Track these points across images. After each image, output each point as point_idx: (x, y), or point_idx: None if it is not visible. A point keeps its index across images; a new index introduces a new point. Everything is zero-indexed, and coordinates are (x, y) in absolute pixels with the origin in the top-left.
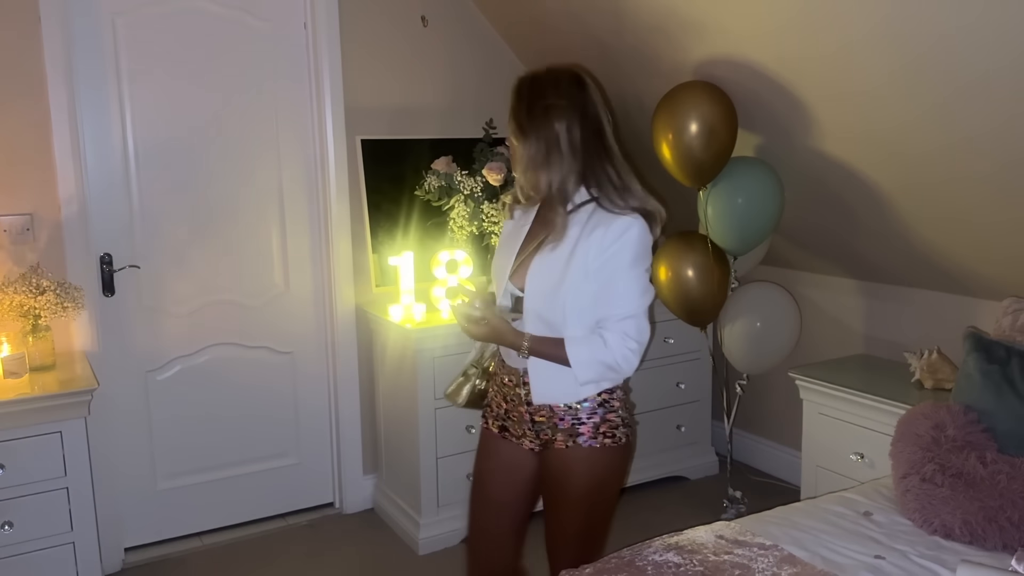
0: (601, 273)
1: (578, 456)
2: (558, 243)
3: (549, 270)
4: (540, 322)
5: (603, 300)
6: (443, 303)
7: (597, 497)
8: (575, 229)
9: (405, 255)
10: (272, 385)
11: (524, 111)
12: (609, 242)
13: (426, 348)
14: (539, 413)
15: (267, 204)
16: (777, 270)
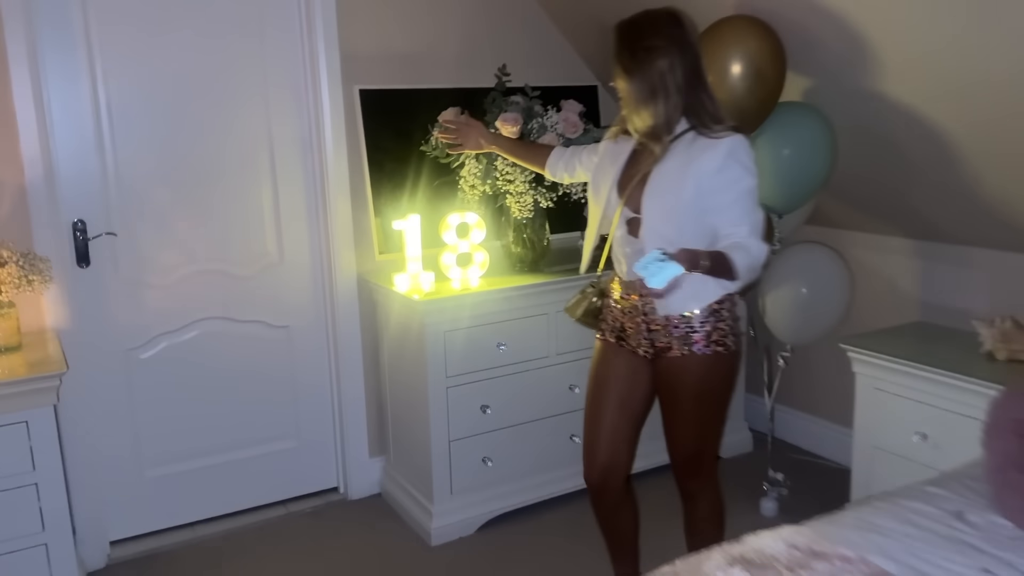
0: (720, 191)
1: (693, 363)
2: (668, 168)
3: (666, 192)
4: (660, 240)
5: (726, 214)
6: (452, 270)
7: (711, 398)
8: (682, 154)
9: (411, 218)
10: (267, 362)
11: (628, 54)
12: (721, 160)
13: (435, 322)
14: (655, 323)
15: (257, 163)
16: (824, 230)
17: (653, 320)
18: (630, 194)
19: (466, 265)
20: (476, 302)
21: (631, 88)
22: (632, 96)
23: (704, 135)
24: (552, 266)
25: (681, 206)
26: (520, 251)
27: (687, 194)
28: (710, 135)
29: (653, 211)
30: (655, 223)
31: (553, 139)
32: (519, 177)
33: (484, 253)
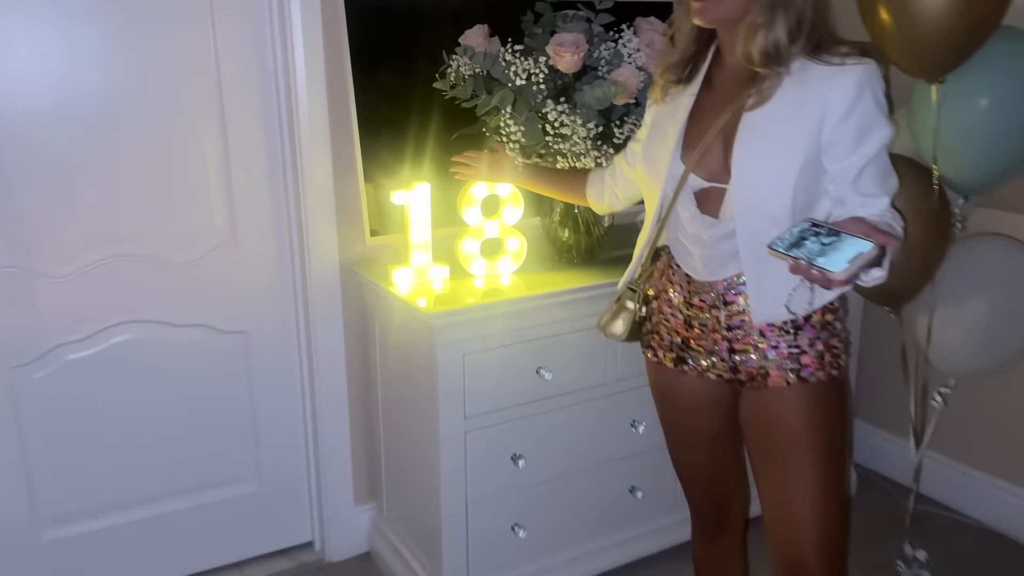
0: (846, 142)
1: (805, 395)
2: (771, 111)
3: (771, 146)
4: (762, 218)
5: (854, 178)
6: (476, 263)
7: (831, 445)
8: (791, 90)
9: (417, 189)
10: (215, 381)
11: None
12: (853, 97)
13: (451, 340)
14: (743, 339)
15: (198, 103)
16: (1007, 216)
17: (740, 336)
18: (702, 157)
19: (495, 256)
20: (509, 311)
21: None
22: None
23: (820, 61)
24: (613, 257)
25: (796, 165)
26: (571, 236)
27: (804, 147)
28: (829, 60)
29: (750, 175)
30: (753, 192)
31: (631, 76)
32: (579, 128)
33: (520, 239)
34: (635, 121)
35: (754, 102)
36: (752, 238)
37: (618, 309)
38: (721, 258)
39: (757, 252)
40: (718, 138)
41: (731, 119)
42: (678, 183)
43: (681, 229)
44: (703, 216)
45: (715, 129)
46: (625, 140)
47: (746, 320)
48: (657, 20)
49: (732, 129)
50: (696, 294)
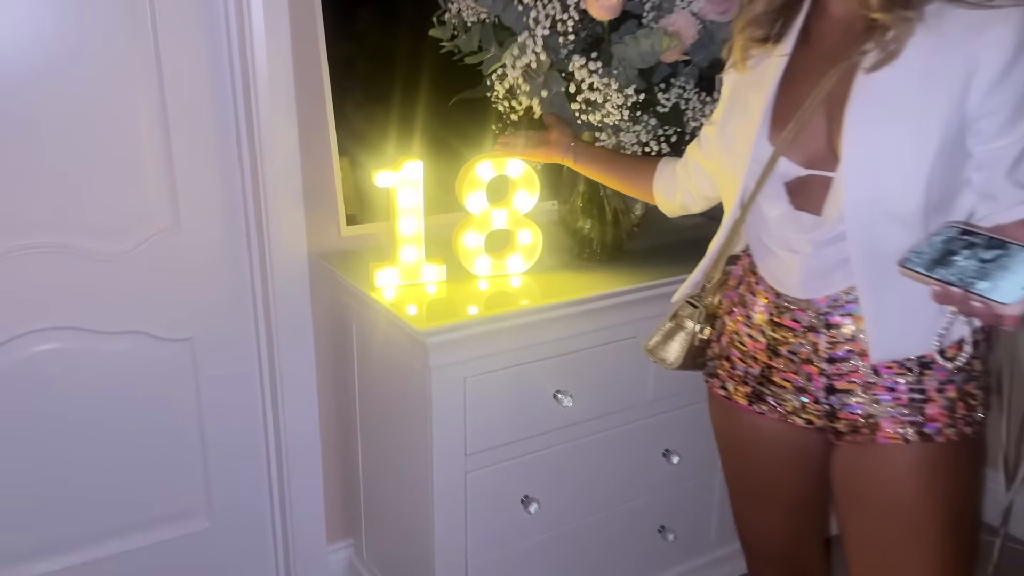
0: (1001, 112)
1: (927, 457)
2: (896, 74)
3: (892, 120)
4: (883, 218)
5: (1014, 154)
6: (479, 261)
7: (959, 521)
8: (923, 44)
9: (407, 168)
10: (156, 400)
11: None
12: (1010, 54)
13: (449, 363)
14: (848, 375)
15: (126, 59)
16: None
17: (845, 370)
18: (798, 136)
19: (503, 252)
20: (522, 323)
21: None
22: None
23: (962, 2)
24: (647, 250)
25: (931, 147)
26: (594, 227)
27: (943, 122)
28: (977, 3)
29: (867, 159)
30: (871, 183)
31: (686, 24)
32: (613, 95)
33: (534, 232)
34: (683, 84)
35: (875, 60)
36: (869, 244)
37: (673, 328)
38: (824, 268)
39: (876, 262)
40: (820, 110)
41: (839, 84)
42: (763, 170)
43: (766, 230)
44: (798, 214)
45: (816, 98)
46: (674, 109)
47: (855, 351)
48: None
49: (841, 98)
50: (786, 312)
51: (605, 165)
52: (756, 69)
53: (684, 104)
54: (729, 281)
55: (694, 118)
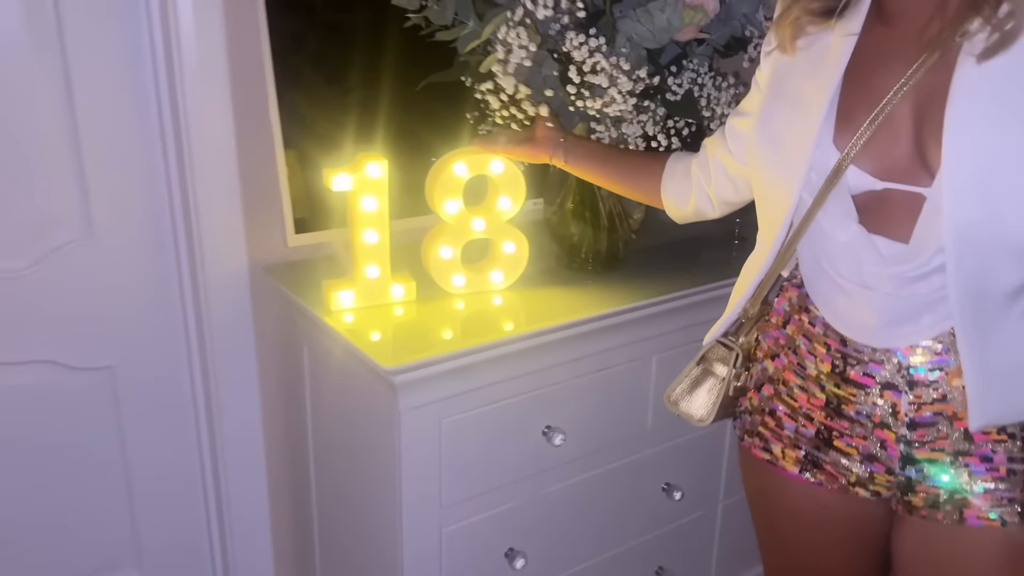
0: None
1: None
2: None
3: (1009, 123)
4: (998, 250)
5: None
6: (455, 277)
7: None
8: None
9: (369, 167)
10: (70, 437)
11: None
12: None
13: (420, 404)
14: (933, 443)
15: (21, 32)
16: None
17: (930, 437)
18: (872, 139)
19: (484, 265)
20: (505, 353)
21: None
22: None
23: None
24: (648, 259)
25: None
26: (587, 234)
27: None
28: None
29: (978, 174)
30: (983, 204)
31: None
32: (622, 78)
33: (518, 242)
34: (696, 67)
35: (986, 46)
36: (975, 281)
37: (702, 375)
38: (910, 310)
39: (982, 304)
40: (905, 108)
41: (932, 76)
42: (826, 181)
43: (828, 258)
44: (874, 238)
45: (900, 92)
46: (686, 96)
47: (945, 414)
48: None
49: (937, 93)
50: (856, 365)
51: (602, 163)
52: (809, 51)
53: (698, 91)
54: (771, 317)
55: (708, 107)
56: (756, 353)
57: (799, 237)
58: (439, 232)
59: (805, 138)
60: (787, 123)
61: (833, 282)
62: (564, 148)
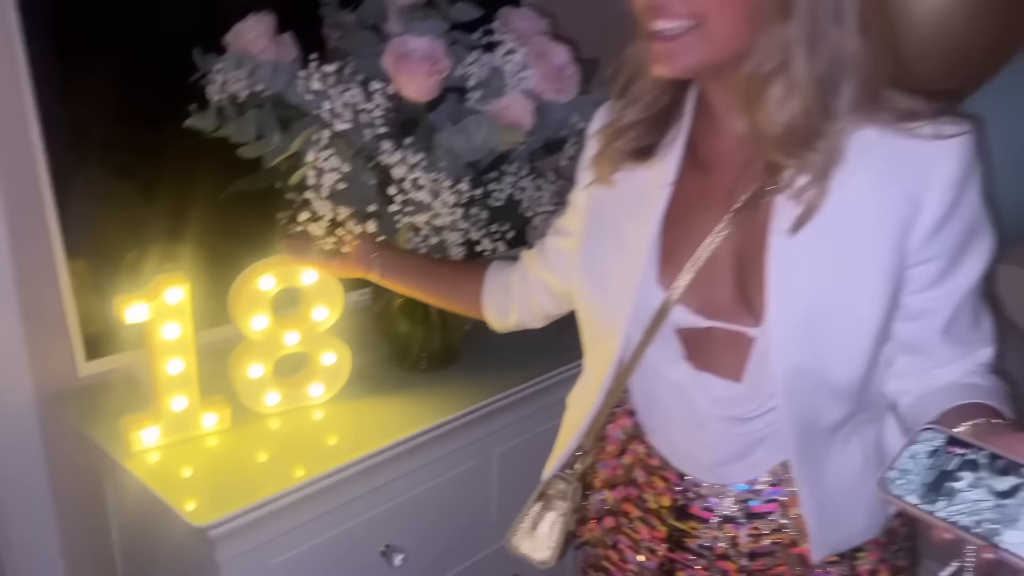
0: (945, 257)
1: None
2: (828, 221)
3: (830, 268)
4: (821, 391)
5: (952, 305)
6: (269, 397)
7: None
8: (854, 174)
9: (167, 293)
10: None
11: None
12: (956, 192)
13: (246, 551)
14: (772, 571)
15: None
16: None
17: (768, 566)
18: (695, 281)
19: (301, 378)
20: (330, 484)
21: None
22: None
23: (894, 129)
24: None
25: (880, 302)
26: (421, 333)
27: (889, 271)
28: (910, 128)
29: (804, 318)
30: (811, 348)
31: (521, 108)
32: (445, 192)
33: (338, 352)
34: (516, 171)
35: (793, 221)
36: (805, 420)
37: (541, 512)
38: (744, 447)
39: (812, 441)
40: (725, 252)
41: (747, 227)
42: (653, 320)
43: (659, 393)
44: (703, 376)
45: (718, 238)
46: (509, 201)
47: (782, 542)
48: (532, 12)
49: (753, 244)
50: (694, 498)
51: (420, 278)
52: (628, 186)
53: (519, 193)
54: (607, 446)
55: (531, 208)
56: (594, 483)
57: (629, 373)
58: (246, 350)
59: (631, 278)
60: (611, 261)
61: (667, 418)
62: (379, 263)
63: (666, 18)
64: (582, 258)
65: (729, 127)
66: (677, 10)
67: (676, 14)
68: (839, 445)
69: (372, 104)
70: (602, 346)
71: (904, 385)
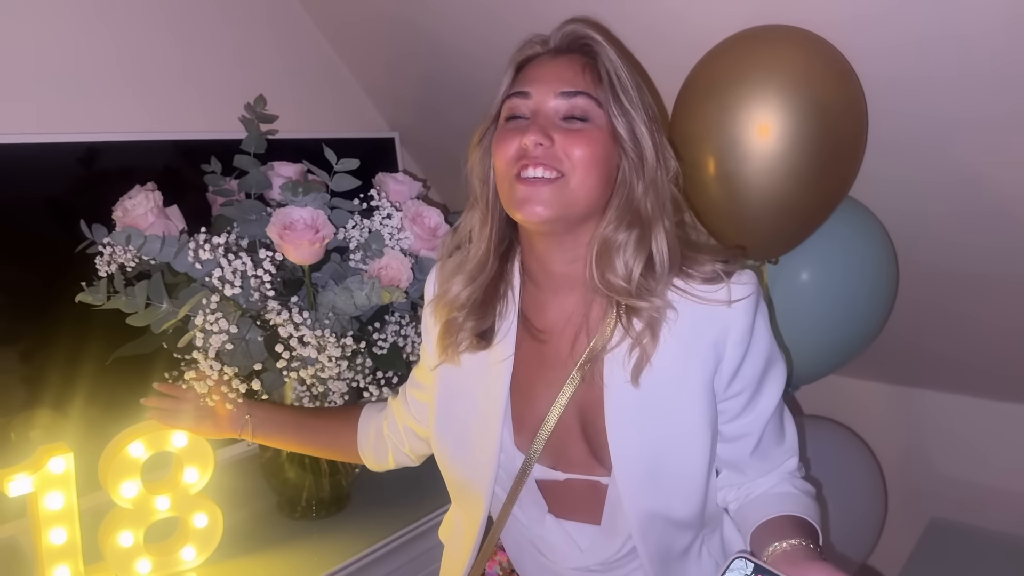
0: (748, 391)
1: None
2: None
3: (658, 416)
4: (666, 526)
5: (758, 429)
6: (140, 564)
7: None
8: (669, 337)
9: (51, 463)
10: None
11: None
12: (748, 337)
13: None
14: None
15: None
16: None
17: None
18: (549, 441)
19: (173, 543)
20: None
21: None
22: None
23: (691, 289)
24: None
25: (705, 441)
26: (310, 481)
27: (707, 411)
28: (703, 289)
29: (642, 463)
30: (653, 489)
31: (400, 267)
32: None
33: (210, 515)
34: (399, 320)
35: (634, 364)
36: (662, 550)
37: None
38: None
39: (670, 563)
40: (571, 413)
41: (586, 388)
42: (515, 480)
43: (530, 543)
44: (568, 524)
45: (560, 402)
46: (392, 348)
47: None
48: (406, 176)
49: (593, 402)
50: None
51: (294, 433)
52: (472, 363)
53: (403, 341)
54: None
55: (414, 353)
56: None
57: (500, 528)
58: (117, 518)
59: (489, 443)
60: (468, 426)
61: (538, 565)
62: (252, 422)
63: (535, 166)
64: (437, 424)
65: (558, 295)
66: (546, 161)
67: (544, 165)
68: (693, 562)
69: (261, 271)
70: (469, 501)
71: (728, 495)
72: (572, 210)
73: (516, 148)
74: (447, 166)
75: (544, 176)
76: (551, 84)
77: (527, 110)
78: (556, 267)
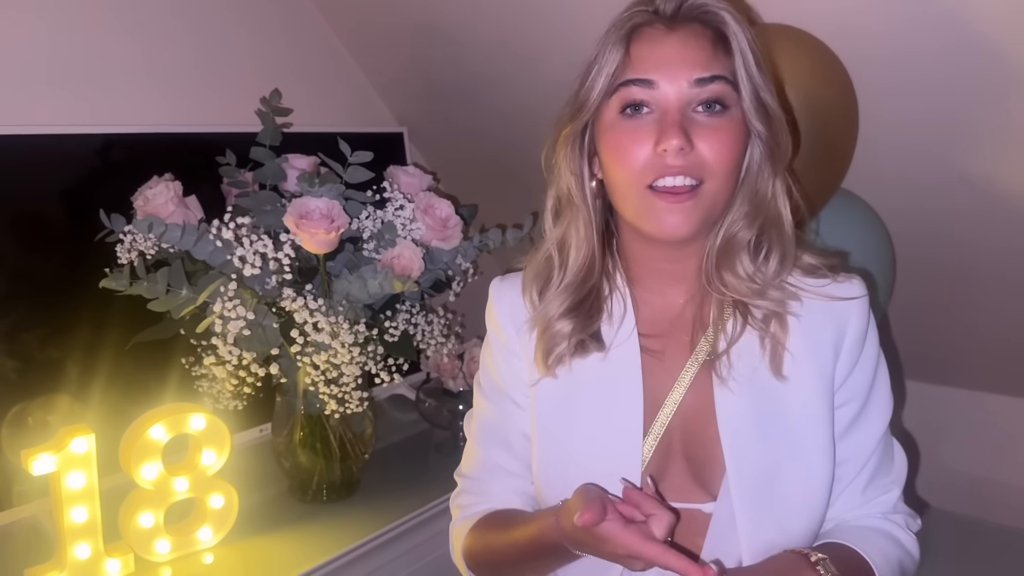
0: (856, 403)
1: None
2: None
3: (782, 431)
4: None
5: (867, 453)
6: (159, 544)
7: None
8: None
9: (73, 443)
10: None
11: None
12: (862, 340)
13: None
14: None
15: None
16: None
17: None
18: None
19: (190, 524)
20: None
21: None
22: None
23: (809, 282)
24: (384, 482)
25: (828, 461)
26: (322, 466)
27: (831, 424)
28: (817, 283)
29: (767, 490)
30: (777, 519)
31: (412, 257)
32: (343, 333)
33: (226, 495)
34: (409, 308)
35: (771, 355)
36: None
37: None
38: None
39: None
40: (675, 425)
41: (694, 394)
42: None
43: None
44: None
45: (668, 411)
46: (403, 336)
47: None
48: (417, 169)
49: (700, 407)
50: None
51: None
52: (583, 367)
53: (413, 329)
54: None
55: (423, 341)
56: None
57: None
58: (137, 499)
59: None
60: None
61: None
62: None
63: (674, 175)
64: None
65: (664, 293)
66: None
67: (684, 171)
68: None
69: (281, 253)
70: None
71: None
72: (710, 218)
73: (649, 153)
74: (455, 161)
75: (685, 184)
76: (680, 69)
77: (653, 103)
78: (659, 264)
